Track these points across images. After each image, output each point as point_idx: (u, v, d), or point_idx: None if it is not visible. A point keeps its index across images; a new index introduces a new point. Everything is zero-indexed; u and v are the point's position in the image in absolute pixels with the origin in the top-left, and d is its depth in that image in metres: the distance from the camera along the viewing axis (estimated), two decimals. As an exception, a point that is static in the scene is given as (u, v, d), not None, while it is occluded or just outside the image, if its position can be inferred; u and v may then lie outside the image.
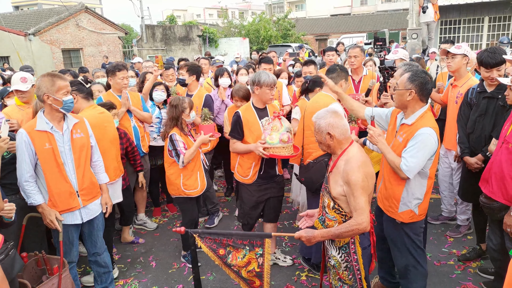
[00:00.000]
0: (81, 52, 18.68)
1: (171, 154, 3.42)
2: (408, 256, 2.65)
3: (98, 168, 3.06)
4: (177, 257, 3.83)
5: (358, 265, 2.22)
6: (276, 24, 23.75)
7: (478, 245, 3.54)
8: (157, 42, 19.71)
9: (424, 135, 2.34)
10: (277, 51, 11.39)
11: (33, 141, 2.64)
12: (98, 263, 3.14)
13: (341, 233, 2.12)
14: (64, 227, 2.80)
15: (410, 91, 2.40)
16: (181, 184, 3.47)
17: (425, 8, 9.56)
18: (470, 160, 3.26)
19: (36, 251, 2.80)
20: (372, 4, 40.69)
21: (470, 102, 3.38)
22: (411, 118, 2.46)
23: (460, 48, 3.65)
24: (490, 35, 16.39)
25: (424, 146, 2.34)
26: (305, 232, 2.21)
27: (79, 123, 2.87)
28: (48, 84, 2.63)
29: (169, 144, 3.40)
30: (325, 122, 2.18)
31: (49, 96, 2.63)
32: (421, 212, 2.57)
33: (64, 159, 2.74)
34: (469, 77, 3.72)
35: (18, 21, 18.33)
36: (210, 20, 42.37)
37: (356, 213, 2.08)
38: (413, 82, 2.39)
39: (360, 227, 2.07)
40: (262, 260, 2.37)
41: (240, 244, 2.37)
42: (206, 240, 2.40)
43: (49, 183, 2.71)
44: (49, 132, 2.69)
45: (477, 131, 3.29)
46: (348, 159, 2.13)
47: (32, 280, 2.66)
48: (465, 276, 3.29)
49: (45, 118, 2.70)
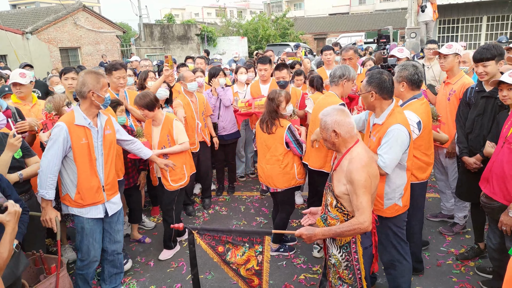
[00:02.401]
0: (79, 50, 18.61)
1: (289, 145, 3.43)
2: (392, 250, 2.71)
3: (139, 145, 3.28)
4: (175, 256, 3.82)
5: (359, 265, 2.22)
6: (274, 23, 23.72)
7: (476, 244, 3.54)
8: (155, 41, 19.66)
9: (395, 131, 2.41)
10: (275, 50, 11.38)
11: (71, 135, 2.69)
12: (113, 264, 3.13)
13: (343, 232, 2.12)
14: (88, 222, 2.85)
15: (370, 93, 2.51)
16: (296, 173, 3.53)
17: (424, 7, 9.56)
18: (468, 160, 3.25)
19: (34, 251, 2.79)
20: (371, 3, 40.68)
21: (468, 102, 3.37)
22: (381, 118, 2.54)
23: (451, 47, 3.70)
24: (488, 34, 16.42)
25: (396, 141, 2.40)
26: (306, 230, 2.20)
27: (108, 119, 2.96)
28: (94, 81, 2.70)
29: (288, 135, 3.40)
30: (331, 120, 2.17)
31: (94, 93, 2.70)
32: (405, 203, 2.65)
33: (97, 155, 2.81)
34: (462, 75, 3.77)
35: (15, 20, 18.24)
36: (208, 19, 42.34)
37: (358, 212, 2.08)
38: (371, 84, 2.52)
39: (361, 227, 2.07)
40: (261, 258, 2.36)
41: (240, 241, 2.35)
42: (205, 237, 2.37)
43: (80, 177, 2.76)
44: (86, 127, 2.75)
45: (475, 130, 3.27)
46: (352, 158, 2.13)
47: (29, 279, 2.66)
48: (464, 275, 3.29)
49: (82, 113, 2.75)
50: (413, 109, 2.79)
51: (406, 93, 2.88)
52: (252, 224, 4.40)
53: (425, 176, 3.01)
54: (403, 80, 2.84)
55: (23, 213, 2.31)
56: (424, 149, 2.93)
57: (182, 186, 3.73)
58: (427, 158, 2.98)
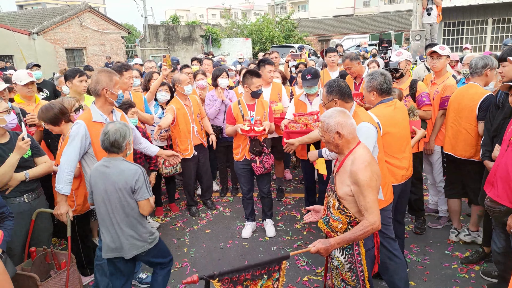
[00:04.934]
0: (84, 51, 18.74)
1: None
2: (382, 249, 2.69)
3: (146, 143, 3.35)
4: (179, 257, 3.83)
5: (362, 267, 2.22)
6: (278, 25, 23.76)
7: (481, 247, 3.52)
8: (160, 42, 19.74)
9: (362, 128, 2.50)
10: (280, 52, 11.38)
11: (90, 131, 2.80)
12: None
13: (357, 237, 2.11)
14: None
15: (334, 100, 2.65)
16: None
17: (429, 9, 9.54)
18: (489, 164, 3.16)
19: (45, 246, 2.85)
20: (375, 5, 40.66)
21: (499, 104, 3.29)
22: None
23: (444, 49, 3.85)
24: (494, 37, 16.32)
25: (366, 138, 2.45)
26: (323, 244, 2.15)
27: (122, 116, 3.09)
28: (107, 79, 2.82)
29: None
30: (334, 121, 2.18)
31: (107, 90, 2.82)
32: (387, 197, 2.68)
33: None
34: (447, 77, 3.95)
35: (22, 20, 18.40)
36: (213, 20, 42.45)
37: (367, 212, 2.08)
38: (331, 92, 2.67)
39: (374, 227, 2.08)
40: (277, 284, 2.28)
41: (258, 275, 2.20)
42: (223, 282, 2.11)
43: None
44: (104, 123, 2.83)
45: (501, 134, 3.13)
46: (355, 158, 2.13)
47: (40, 274, 2.72)
48: (468, 279, 3.27)
49: (98, 110, 2.87)
50: (375, 111, 2.87)
51: (376, 101, 2.98)
52: (255, 225, 4.40)
53: (397, 179, 2.95)
54: (373, 89, 2.92)
55: (7, 219, 2.39)
56: (393, 152, 2.90)
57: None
58: (398, 161, 2.93)
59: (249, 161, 3.98)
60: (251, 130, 3.81)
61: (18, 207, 2.82)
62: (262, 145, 3.92)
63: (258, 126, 3.82)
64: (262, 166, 3.93)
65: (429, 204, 4.44)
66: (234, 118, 3.98)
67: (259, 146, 3.89)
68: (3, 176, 2.67)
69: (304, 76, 3.99)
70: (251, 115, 3.95)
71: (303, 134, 3.68)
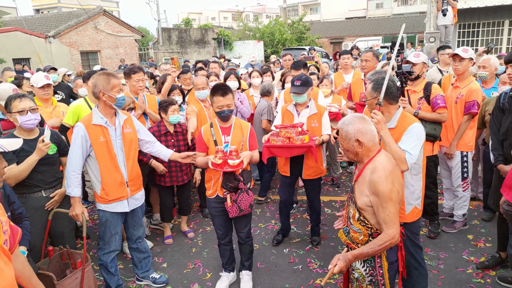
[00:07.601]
0: (99, 54, 19.06)
1: None
2: (410, 258, 2.68)
3: (158, 147, 3.33)
4: (192, 257, 3.86)
5: (384, 280, 2.10)
6: (290, 27, 23.75)
7: (497, 253, 3.45)
8: (173, 44, 19.96)
9: (416, 128, 2.43)
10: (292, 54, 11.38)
11: (89, 134, 2.85)
12: (139, 250, 3.36)
13: (375, 251, 1.99)
14: (112, 215, 3.03)
15: (377, 98, 2.47)
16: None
17: (445, 11, 9.40)
18: (504, 168, 3.10)
19: (61, 246, 2.91)
20: (388, 7, 40.32)
21: (502, 108, 3.24)
22: (392, 122, 2.54)
23: (467, 51, 3.75)
24: (510, 39, 16.02)
25: (418, 137, 2.40)
26: (342, 261, 1.99)
27: (128, 119, 3.11)
28: (104, 82, 2.84)
29: None
30: (353, 128, 2.05)
31: (104, 93, 2.84)
32: (422, 206, 2.67)
33: (116, 152, 2.95)
34: (471, 80, 3.82)
35: (39, 24, 18.83)
36: (225, 23, 42.70)
37: (386, 225, 1.96)
38: (377, 90, 2.48)
39: (393, 241, 1.97)
40: None
41: None
42: None
43: (103, 173, 2.92)
44: (103, 126, 2.90)
45: (510, 137, 3.12)
46: (375, 167, 2.01)
47: (56, 273, 2.78)
48: (484, 284, 3.22)
49: (99, 113, 2.91)
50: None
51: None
52: (267, 227, 4.41)
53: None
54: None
55: (24, 219, 2.45)
56: None
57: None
58: None
59: (222, 198, 3.09)
60: (225, 163, 2.88)
61: (37, 202, 2.91)
62: (237, 180, 2.97)
63: (233, 158, 2.88)
64: (236, 207, 2.99)
65: (443, 208, 4.39)
66: (205, 145, 3.07)
67: (234, 181, 2.96)
68: (20, 174, 2.75)
69: (293, 82, 3.63)
70: (226, 140, 3.05)
71: (285, 148, 3.49)
